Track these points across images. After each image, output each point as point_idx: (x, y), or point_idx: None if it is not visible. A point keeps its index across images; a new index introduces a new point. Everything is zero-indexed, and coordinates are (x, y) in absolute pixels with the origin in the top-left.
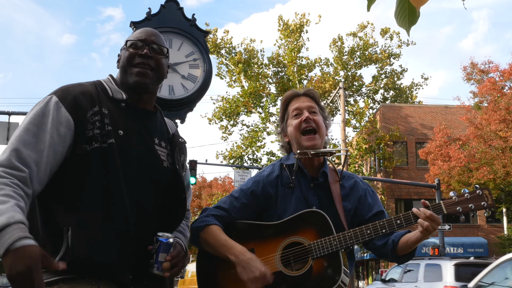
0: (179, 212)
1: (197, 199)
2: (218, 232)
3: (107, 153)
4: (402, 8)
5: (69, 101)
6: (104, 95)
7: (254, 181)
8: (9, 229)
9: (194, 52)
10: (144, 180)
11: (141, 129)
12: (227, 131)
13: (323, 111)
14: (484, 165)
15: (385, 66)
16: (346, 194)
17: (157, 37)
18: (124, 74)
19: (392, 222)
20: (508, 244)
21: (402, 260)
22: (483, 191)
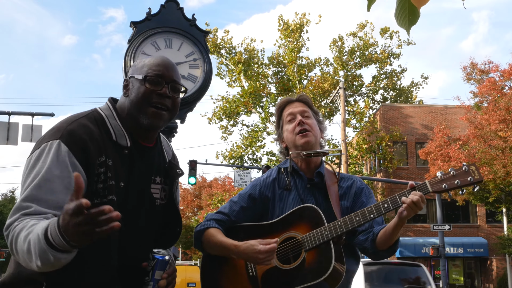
0: (172, 240)
1: (197, 199)
2: (216, 233)
3: None
4: (402, 8)
5: (80, 152)
6: (107, 138)
7: (251, 185)
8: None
9: (194, 52)
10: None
11: (141, 172)
12: (227, 131)
13: (317, 114)
14: (484, 165)
15: (385, 66)
16: (343, 193)
17: (177, 74)
18: (136, 110)
19: (380, 206)
20: (508, 244)
21: (381, 255)
22: (470, 167)
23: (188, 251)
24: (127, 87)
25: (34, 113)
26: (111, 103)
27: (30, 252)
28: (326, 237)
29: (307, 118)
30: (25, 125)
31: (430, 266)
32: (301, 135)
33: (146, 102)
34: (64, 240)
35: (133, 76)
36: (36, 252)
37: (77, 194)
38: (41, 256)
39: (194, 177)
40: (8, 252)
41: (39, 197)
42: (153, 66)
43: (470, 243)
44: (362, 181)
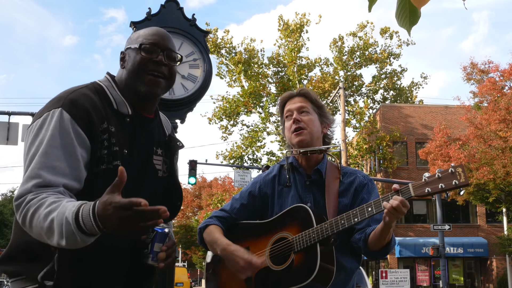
0: (172, 214)
1: (197, 199)
2: (213, 230)
3: (113, 176)
4: (403, 8)
5: (83, 119)
6: (108, 107)
7: (252, 182)
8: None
9: (194, 52)
10: (142, 194)
11: (142, 141)
12: (227, 131)
13: (320, 108)
14: (484, 165)
15: (385, 66)
16: (344, 190)
17: (171, 43)
18: (133, 79)
19: (364, 210)
20: (508, 244)
21: (373, 255)
22: (456, 169)
23: (188, 251)
24: (123, 59)
25: (34, 113)
26: (110, 76)
27: (51, 230)
28: (313, 240)
29: (305, 114)
30: (25, 125)
31: (430, 266)
32: (295, 133)
33: (142, 70)
34: (97, 228)
35: (129, 47)
36: (61, 232)
37: (119, 186)
38: (68, 237)
39: (194, 177)
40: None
41: (47, 164)
42: (148, 36)
43: (470, 243)
44: (366, 176)
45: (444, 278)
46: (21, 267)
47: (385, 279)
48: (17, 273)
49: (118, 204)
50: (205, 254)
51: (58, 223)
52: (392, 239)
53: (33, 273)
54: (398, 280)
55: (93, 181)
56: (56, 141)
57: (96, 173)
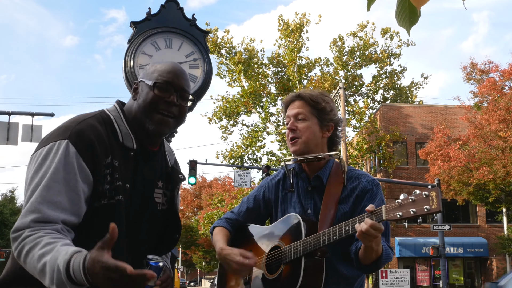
0: (170, 246)
1: (197, 199)
2: (217, 233)
3: (115, 210)
4: (402, 8)
5: (88, 153)
6: (114, 139)
7: (259, 186)
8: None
9: (194, 52)
10: (142, 228)
11: (145, 176)
12: (227, 131)
13: (319, 111)
14: (484, 165)
15: (385, 66)
16: (345, 196)
17: (186, 82)
18: (142, 115)
19: (342, 228)
20: (508, 244)
21: (363, 269)
22: (430, 193)
23: (188, 251)
24: (136, 90)
25: (34, 113)
26: (119, 105)
27: (44, 273)
28: (299, 253)
29: (301, 122)
30: (25, 125)
31: (430, 266)
32: (291, 142)
33: (153, 109)
34: (86, 281)
35: (143, 81)
36: (53, 279)
37: (109, 243)
38: (58, 285)
39: (194, 177)
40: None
41: (48, 199)
42: (163, 73)
43: (470, 243)
44: (372, 181)
45: (444, 278)
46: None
47: (385, 279)
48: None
49: (105, 265)
50: (205, 254)
51: (50, 268)
52: (383, 254)
53: None
54: (398, 280)
55: (93, 216)
56: (59, 175)
57: (97, 208)
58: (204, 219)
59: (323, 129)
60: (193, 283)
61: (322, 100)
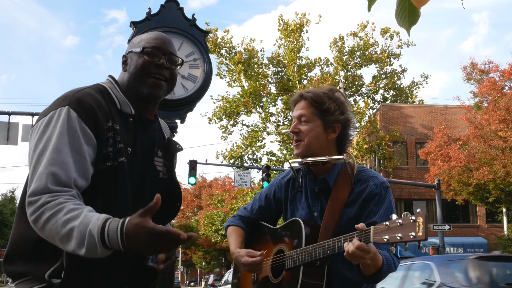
0: (172, 215)
1: (197, 199)
2: (231, 233)
3: (119, 172)
4: (402, 8)
5: (89, 117)
6: (112, 107)
7: (270, 184)
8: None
9: (194, 52)
10: (144, 194)
11: (144, 142)
12: (227, 131)
13: (323, 112)
14: (484, 165)
15: (385, 66)
16: (352, 200)
17: (173, 47)
18: (135, 81)
19: (335, 243)
20: (508, 244)
21: (365, 280)
22: (417, 218)
23: (188, 251)
24: (125, 62)
25: (34, 113)
26: (112, 78)
27: (69, 238)
28: (298, 262)
29: (304, 124)
30: (25, 125)
31: None
32: (294, 145)
33: (145, 73)
34: (121, 246)
35: (131, 51)
36: (83, 242)
37: (152, 211)
38: (88, 249)
39: (194, 177)
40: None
41: (60, 160)
42: (150, 40)
43: (470, 243)
44: (380, 184)
45: None
46: (27, 267)
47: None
48: (23, 274)
49: (153, 231)
50: (205, 254)
51: (80, 233)
52: (383, 266)
53: (40, 272)
54: None
55: (98, 178)
56: (65, 138)
57: (102, 170)
58: (204, 219)
59: (328, 131)
60: (193, 283)
61: (328, 99)
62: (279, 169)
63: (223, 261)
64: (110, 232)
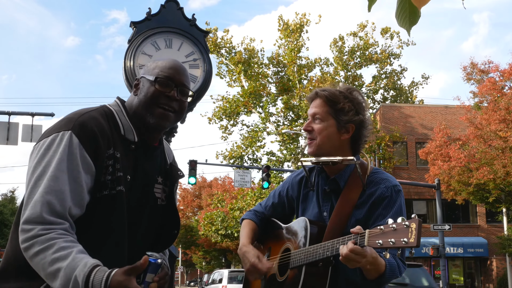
0: (169, 242)
1: (197, 199)
2: (244, 226)
3: (116, 201)
4: (403, 8)
5: (91, 144)
6: (116, 132)
7: (284, 182)
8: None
9: (194, 52)
10: (143, 220)
11: (146, 170)
12: (227, 131)
13: (338, 112)
14: (484, 165)
15: (385, 66)
16: (362, 202)
17: (186, 78)
18: (143, 109)
19: (334, 245)
20: (508, 244)
21: (368, 284)
22: (411, 224)
23: (188, 251)
24: (137, 86)
25: (34, 113)
26: (120, 101)
27: (55, 278)
28: (301, 261)
29: (318, 122)
30: (25, 125)
31: (430, 266)
32: (307, 144)
33: (154, 103)
34: None
35: (144, 77)
36: (67, 286)
37: (138, 271)
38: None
39: (194, 177)
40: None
41: (56, 188)
42: (164, 69)
43: (470, 243)
44: (392, 187)
45: (444, 278)
46: (20, 283)
47: None
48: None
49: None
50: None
51: (66, 276)
52: (386, 271)
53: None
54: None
55: (94, 206)
56: (64, 165)
57: (99, 198)
58: (204, 219)
59: (341, 131)
60: (193, 283)
61: (343, 99)
62: (279, 169)
63: (223, 261)
64: (95, 283)
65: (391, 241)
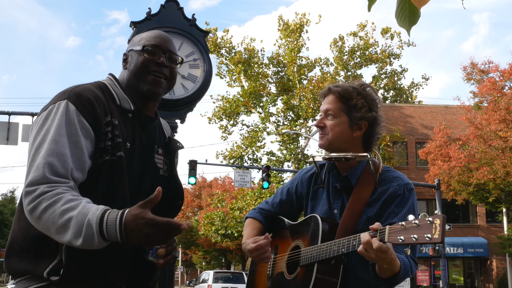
0: (173, 213)
1: (197, 199)
2: (247, 225)
3: (117, 166)
4: (402, 8)
5: (88, 111)
6: (111, 102)
7: (293, 179)
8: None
9: (194, 52)
10: (143, 189)
11: (144, 139)
12: (227, 131)
13: (350, 108)
14: (484, 165)
15: (385, 66)
16: (374, 200)
17: (173, 45)
18: (135, 79)
19: (350, 242)
20: (508, 244)
21: (380, 282)
22: (434, 220)
23: (188, 251)
24: (126, 60)
25: (34, 113)
26: (112, 76)
27: (66, 228)
28: (313, 259)
29: (331, 118)
30: (25, 125)
31: (430, 266)
32: (320, 137)
33: (145, 71)
34: (120, 237)
35: (132, 49)
36: (80, 232)
37: (152, 203)
38: (85, 239)
39: (194, 177)
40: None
41: (57, 151)
42: (150, 38)
43: (470, 243)
44: (404, 185)
45: (444, 278)
46: (26, 264)
47: None
48: (23, 272)
49: (153, 221)
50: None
51: (78, 223)
52: (400, 271)
53: (39, 270)
54: None
55: (97, 172)
56: (63, 130)
57: (100, 164)
58: (204, 219)
59: (353, 127)
60: (192, 283)
61: (357, 95)
62: (279, 169)
63: (223, 261)
64: (109, 222)
65: (414, 237)
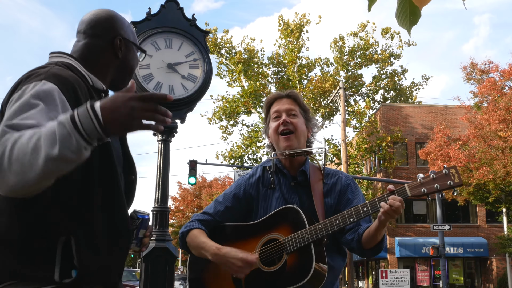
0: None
1: (197, 199)
2: (198, 234)
3: (98, 148)
4: (403, 8)
5: (70, 92)
6: (83, 83)
7: (236, 184)
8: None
9: (194, 52)
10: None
11: None
12: (227, 131)
13: (306, 112)
14: (484, 165)
15: (386, 67)
16: (328, 190)
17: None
18: (123, 78)
19: (359, 210)
20: (508, 244)
21: (367, 254)
22: (450, 170)
23: None
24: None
25: None
26: (69, 55)
27: (38, 148)
28: (307, 240)
29: (292, 117)
30: None
31: (430, 266)
32: (284, 137)
33: (131, 74)
34: (97, 123)
35: (135, 44)
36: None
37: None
38: (62, 141)
39: (194, 177)
40: None
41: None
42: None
43: (470, 243)
44: (348, 176)
45: (444, 278)
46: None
47: (385, 279)
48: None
49: (135, 95)
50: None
51: (48, 133)
52: (384, 236)
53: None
54: (398, 280)
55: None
56: (36, 102)
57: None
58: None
59: (308, 129)
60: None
61: (306, 104)
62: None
63: None
64: (80, 113)
65: (436, 186)
